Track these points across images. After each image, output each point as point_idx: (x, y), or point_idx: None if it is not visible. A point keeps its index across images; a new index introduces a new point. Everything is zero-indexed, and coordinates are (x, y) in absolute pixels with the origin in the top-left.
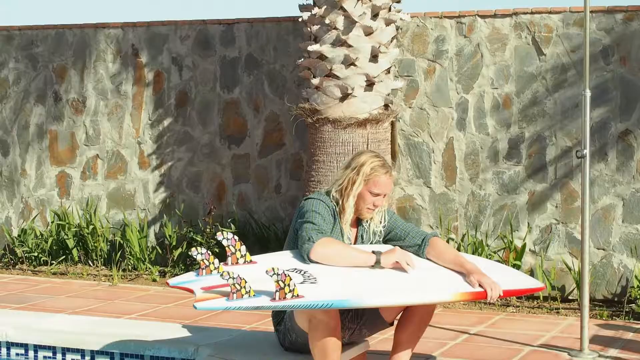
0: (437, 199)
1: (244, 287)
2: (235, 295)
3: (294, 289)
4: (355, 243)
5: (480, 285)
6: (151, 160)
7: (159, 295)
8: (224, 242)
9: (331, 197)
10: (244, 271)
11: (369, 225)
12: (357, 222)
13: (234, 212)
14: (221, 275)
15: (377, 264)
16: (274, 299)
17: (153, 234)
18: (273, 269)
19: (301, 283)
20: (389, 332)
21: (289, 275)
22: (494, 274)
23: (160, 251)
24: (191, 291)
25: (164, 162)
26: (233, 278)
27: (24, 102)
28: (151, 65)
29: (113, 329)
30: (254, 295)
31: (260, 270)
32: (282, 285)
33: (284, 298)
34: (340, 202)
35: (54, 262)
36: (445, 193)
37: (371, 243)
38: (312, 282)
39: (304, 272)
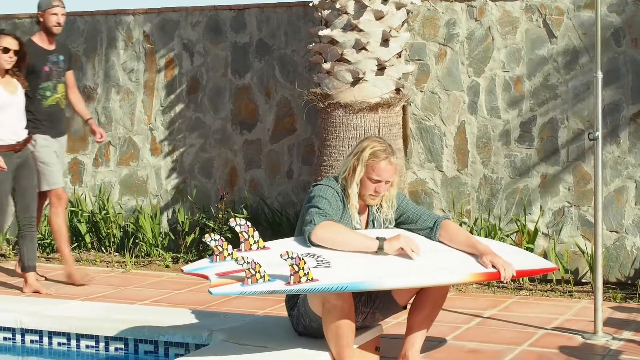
0: (449, 182)
1: (259, 271)
2: (250, 280)
3: (308, 273)
4: (366, 229)
5: (493, 266)
6: (163, 147)
7: (171, 281)
8: (237, 229)
9: (339, 183)
10: (258, 256)
11: (380, 212)
12: (368, 207)
13: (246, 198)
14: (236, 260)
15: (380, 250)
16: (289, 282)
17: (166, 220)
18: (287, 252)
19: (315, 267)
20: (402, 316)
21: (303, 259)
22: (506, 256)
23: (172, 237)
24: (206, 277)
25: (175, 149)
26: (248, 263)
27: None
28: (162, 51)
29: (127, 315)
30: (268, 279)
31: (273, 256)
32: (296, 269)
33: (299, 282)
34: (346, 189)
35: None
36: (457, 177)
37: (382, 224)
38: (325, 266)
39: (318, 257)
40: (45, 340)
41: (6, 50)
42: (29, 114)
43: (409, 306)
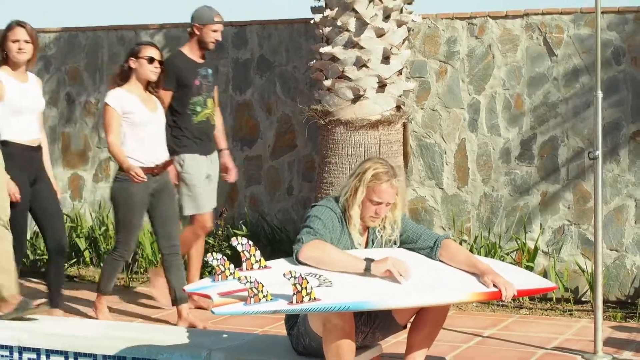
0: (449, 200)
1: (261, 291)
2: (252, 299)
3: (311, 292)
4: (366, 246)
5: (494, 285)
6: None
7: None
8: (239, 248)
9: (340, 204)
10: (260, 276)
11: (382, 235)
12: (368, 228)
13: (245, 214)
14: (239, 279)
15: (367, 272)
16: (292, 302)
17: None
18: (290, 272)
19: (317, 286)
20: (402, 335)
21: (305, 279)
22: (506, 275)
23: None
24: (208, 297)
25: None
26: (250, 282)
27: None
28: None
29: (125, 333)
30: (271, 299)
31: (275, 275)
32: (299, 288)
33: (302, 301)
34: (347, 210)
35: (65, 265)
36: (457, 194)
37: (383, 246)
38: (327, 286)
39: (320, 276)
40: (43, 358)
41: (151, 60)
42: (177, 130)
43: (409, 325)
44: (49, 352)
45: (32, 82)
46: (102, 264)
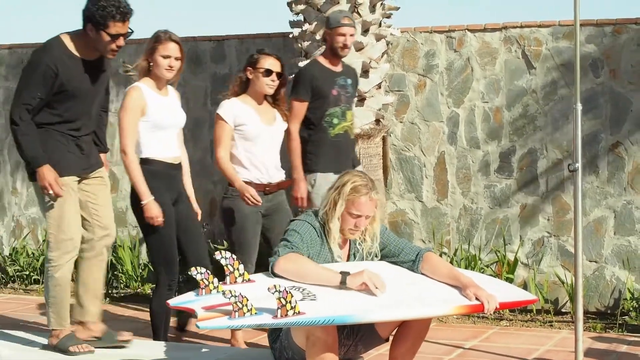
0: (429, 213)
1: (246, 305)
2: (237, 313)
3: (295, 306)
4: (348, 259)
5: (477, 298)
6: None
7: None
8: (223, 262)
9: (319, 217)
10: (244, 290)
11: (362, 246)
12: (349, 241)
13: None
14: (223, 293)
15: (342, 285)
16: (276, 316)
17: (145, 252)
18: (275, 286)
19: (301, 300)
20: (384, 348)
21: (290, 292)
22: (487, 287)
23: (152, 269)
24: (192, 311)
25: None
26: (235, 296)
27: None
28: None
29: (106, 348)
30: (255, 313)
31: (259, 289)
32: (283, 302)
33: (286, 315)
34: (326, 223)
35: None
36: (437, 207)
37: (364, 258)
38: (311, 299)
39: (303, 289)
40: None
41: (269, 72)
42: (311, 145)
43: (391, 338)
44: None
45: (172, 95)
46: None
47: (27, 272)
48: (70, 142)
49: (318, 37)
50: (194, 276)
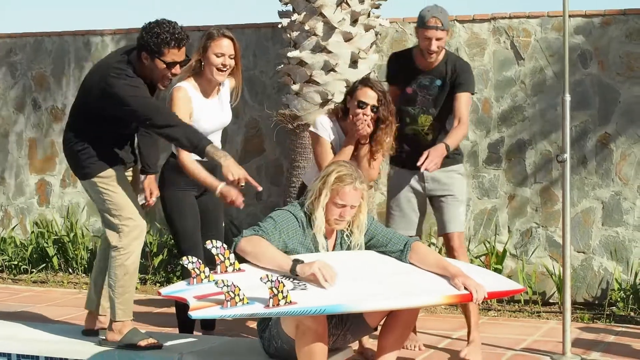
0: None
1: (238, 294)
2: (229, 303)
3: (287, 296)
4: (334, 249)
5: (465, 288)
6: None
7: (140, 303)
8: (213, 251)
9: (305, 208)
10: (236, 279)
11: (350, 238)
12: (336, 232)
13: None
14: (215, 283)
15: (292, 272)
16: (268, 305)
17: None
18: (267, 275)
19: (292, 289)
20: (372, 337)
21: (282, 282)
22: (476, 277)
23: (140, 259)
24: (184, 300)
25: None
26: (227, 286)
27: (3, 111)
28: None
29: (96, 337)
30: (247, 302)
31: (250, 278)
32: (275, 292)
33: (278, 305)
34: (312, 213)
35: (34, 270)
36: None
37: (350, 247)
38: (302, 289)
39: (294, 279)
40: None
41: (362, 105)
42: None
43: (379, 327)
44: (19, 357)
45: (221, 94)
46: None
47: (16, 262)
48: (116, 142)
49: (307, 27)
50: (185, 265)
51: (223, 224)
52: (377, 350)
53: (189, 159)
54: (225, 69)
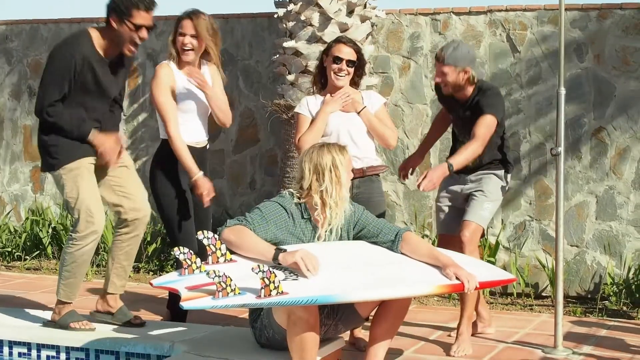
0: (411, 195)
1: (229, 285)
2: (221, 293)
3: (278, 286)
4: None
5: (457, 278)
6: None
7: (132, 291)
8: (205, 242)
9: (295, 198)
10: (227, 269)
11: (338, 226)
12: (325, 219)
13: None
14: (207, 274)
15: (275, 260)
16: (260, 296)
17: None
18: (259, 266)
19: (283, 280)
20: (365, 327)
21: (274, 273)
22: (467, 267)
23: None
24: (176, 291)
25: (138, 158)
26: (219, 277)
27: None
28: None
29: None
30: (239, 293)
31: (242, 269)
32: (267, 282)
33: (269, 295)
34: (307, 201)
35: (27, 257)
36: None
37: (340, 237)
38: (293, 279)
39: (285, 269)
40: (6, 350)
41: (338, 60)
42: None
43: (371, 318)
44: (11, 344)
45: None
46: None
47: (9, 249)
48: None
49: (303, 17)
50: (177, 256)
51: (211, 221)
52: (369, 340)
53: (181, 139)
54: (186, 48)
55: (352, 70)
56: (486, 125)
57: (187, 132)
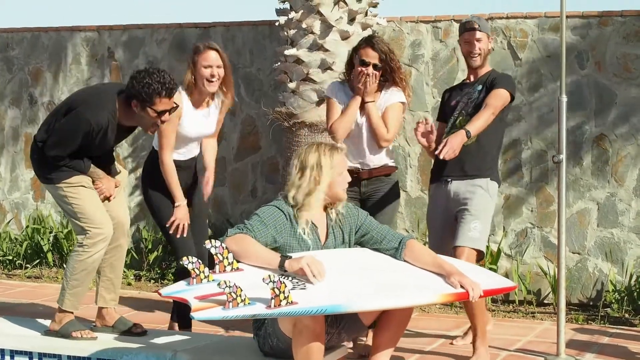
0: (413, 202)
1: (240, 295)
2: (231, 304)
3: (288, 296)
4: (326, 240)
5: (461, 286)
6: (127, 164)
7: (134, 299)
8: (212, 250)
9: (290, 201)
10: (237, 279)
11: (342, 225)
12: (326, 221)
13: (210, 216)
14: (218, 284)
15: (281, 268)
16: (270, 306)
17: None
18: (269, 276)
19: (292, 289)
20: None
21: (284, 283)
22: (470, 275)
23: (135, 255)
24: (185, 301)
25: (139, 166)
26: (229, 287)
27: None
28: (127, 68)
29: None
30: (249, 303)
31: (249, 278)
32: (277, 292)
33: (279, 305)
34: (303, 205)
35: (28, 265)
36: (421, 197)
37: (343, 240)
38: (301, 288)
39: (293, 279)
40: (8, 359)
41: (364, 63)
42: None
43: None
44: (13, 353)
45: (211, 107)
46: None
47: (10, 257)
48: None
49: (304, 25)
50: (185, 265)
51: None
52: (372, 348)
53: (171, 167)
54: (213, 80)
55: (378, 73)
56: (500, 97)
57: (180, 153)
